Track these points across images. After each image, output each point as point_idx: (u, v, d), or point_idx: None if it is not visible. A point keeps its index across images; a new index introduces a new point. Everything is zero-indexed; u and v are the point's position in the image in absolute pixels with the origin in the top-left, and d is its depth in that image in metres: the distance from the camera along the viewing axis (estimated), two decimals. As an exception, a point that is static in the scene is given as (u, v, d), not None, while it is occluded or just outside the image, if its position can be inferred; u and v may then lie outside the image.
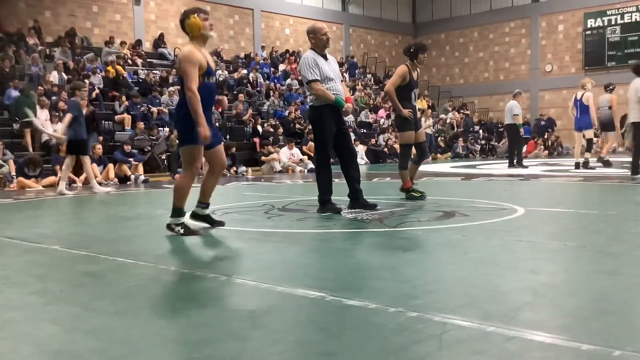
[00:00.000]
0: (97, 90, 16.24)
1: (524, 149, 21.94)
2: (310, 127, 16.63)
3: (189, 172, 4.76)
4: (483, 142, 23.83)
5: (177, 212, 4.76)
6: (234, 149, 14.44)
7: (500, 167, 14.97)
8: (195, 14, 4.70)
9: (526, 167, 13.61)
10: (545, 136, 24.30)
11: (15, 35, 17.70)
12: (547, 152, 23.07)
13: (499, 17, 29.44)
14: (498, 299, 2.67)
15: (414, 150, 7.26)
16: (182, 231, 4.70)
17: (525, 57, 29.00)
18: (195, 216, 5.01)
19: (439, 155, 22.06)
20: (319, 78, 5.78)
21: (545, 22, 28.34)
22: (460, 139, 22.92)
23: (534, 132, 24.13)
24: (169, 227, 4.77)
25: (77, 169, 11.70)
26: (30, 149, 13.16)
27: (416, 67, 7.05)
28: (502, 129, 25.83)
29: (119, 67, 17.73)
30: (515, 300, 2.64)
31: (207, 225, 4.99)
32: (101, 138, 13.38)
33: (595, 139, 14.24)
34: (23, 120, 13.39)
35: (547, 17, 28.22)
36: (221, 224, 5.05)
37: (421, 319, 2.36)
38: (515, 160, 13.76)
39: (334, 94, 5.80)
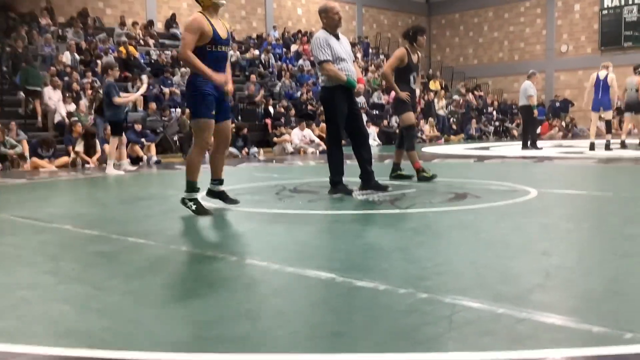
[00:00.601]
0: (109, 71, 16.23)
1: (539, 130, 21.84)
2: (322, 108, 16.59)
3: (198, 146, 4.75)
4: (497, 123, 23.63)
5: (190, 186, 4.78)
6: (245, 130, 14.44)
7: (513, 148, 14.86)
8: None
9: (540, 148, 13.51)
10: (560, 117, 24.06)
11: (27, 16, 17.70)
12: (561, 133, 22.85)
13: (514, -4, 29.02)
14: (509, 281, 2.65)
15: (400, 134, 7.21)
16: (193, 207, 4.72)
17: (540, 37, 28.63)
18: (210, 193, 5.07)
19: (452, 136, 21.92)
20: (330, 58, 5.73)
21: (561, 1, 27.89)
22: (473, 120, 22.74)
23: (548, 114, 23.90)
24: (183, 201, 4.80)
25: (89, 150, 11.79)
26: (41, 124, 13.24)
27: (416, 50, 6.98)
28: (516, 111, 25.66)
29: (131, 48, 17.71)
30: (526, 282, 2.62)
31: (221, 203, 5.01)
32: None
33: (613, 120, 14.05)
34: (29, 88, 13.65)
35: (564, -4, 27.79)
36: (235, 202, 5.05)
37: (431, 301, 2.36)
38: (529, 142, 13.65)
39: (345, 74, 5.76)
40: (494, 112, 25.09)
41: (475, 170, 8.89)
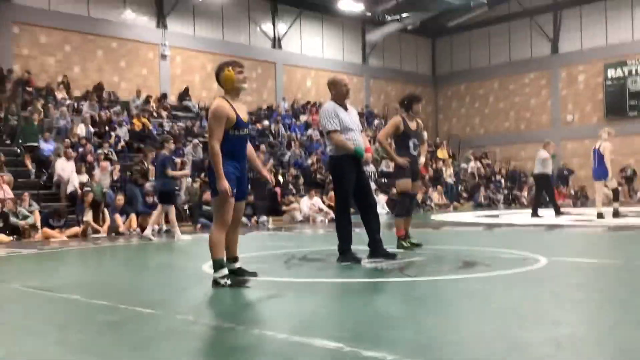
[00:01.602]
0: (122, 143, 16.57)
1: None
2: (331, 177, 16.73)
3: (219, 223, 4.68)
4: (505, 191, 23.69)
5: (218, 264, 4.64)
6: (251, 198, 14.53)
7: (523, 216, 14.81)
8: (230, 67, 4.74)
9: (562, 213, 13.43)
10: (569, 186, 24.09)
11: (44, 90, 18.26)
12: (570, 201, 22.82)
13: (519, 68, 29.67)
14: (519, 351, 2.62)
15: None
16: (228, 282, 4.58)
17: (545, 107, 29.06)
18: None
19: (460, 203, 21.93)
20: (338, 128, 5.85)
21: (565, 72, 28.48)
22: (482, 187, 22.81)
23: (557, 182, 23.94)
24: (214, 282, 4.62)
25: (98, 220, 11.89)
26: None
27: (413, 117, 7.09)
28: (524, 179, 25.75)
29: (145, 120, 18.13)
30: (536, 353, 2.59)
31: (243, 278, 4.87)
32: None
33: (620, 188, 13.99)
34: (25, 145, 14.65)
35: (567, 68, 28.38)
36: (254, 274, 4.95)
37: (440, 371, 2.33)
38: (554, 209, 13.56)
39: (353, 144, 5.86)
40: (502, 180, 25.18)
41: (484, 238, 8.85)
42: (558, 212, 13.45)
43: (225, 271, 4.63)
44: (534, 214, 13.53)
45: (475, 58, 31.31)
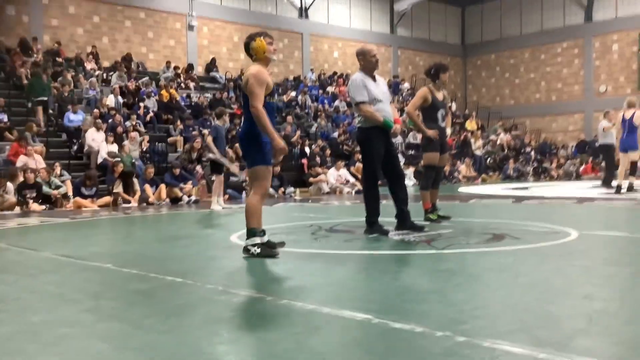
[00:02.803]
0: (151, 114, 16.70)
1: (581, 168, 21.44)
2: (358, 148, 16.65)
3: (259, 193, 4.72)
4: (535, 163, 23.34)
5: (251, 232, 4.70)
6: (278, 169, 14.57)
7: (552, 189, 14.62)
8: (262, 37, 4.79)
9: (613, 187, 12.88)
10: (600, 158, 23.57)
11: (74, 60, 18.43)
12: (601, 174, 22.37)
13: (551, 37, 28.98)
14: (550, 325, 2.59)
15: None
16: (258, 250, 4.63)
17: (578, 78, 28.42)
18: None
19: (489, 175, 21.70)
20: (367, 99, 5.79)
21: (598, 42, 27.74)
22: (511, 160, 22.50)
23: (589, 154, 23.45)
24: (245, 249, 4.70)
25: (127, 190, 12.06)
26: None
27: (440, 87, 6.98)
28: (555, 150, 25.31)
29: (173, 91, 18.21)
30: (568, 327, 2.56)
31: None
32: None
33: None
34: (36, 100, 15.01)
35: (601, 37, 27.62)
36: (282, 244, 4.98)
37: (469, 344, 2.32)
38: (607, 180, 13.21)
39: (382, 115, 5.80)
40: (532, 152, 24.80)
41: (513, 211, 8.76)
42: (606, 184, 13.10)
43: (257, 240, 4.68)
44: (606, 184, 13.15)
45: (506, 27, 30.65)
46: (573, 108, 28.25)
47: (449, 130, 7.22)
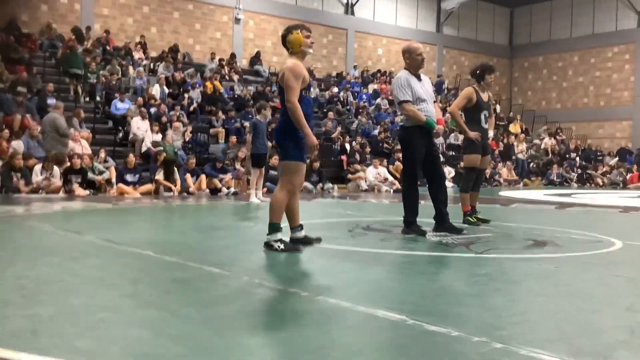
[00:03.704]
0: (195, 105, 16.92)
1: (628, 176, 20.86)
2: (398, 147, 16.54)
3: (287, 188, 4.72)
4: (579, 170, 22.81)
5: (274, 228, 4.71)
6: (318, 164, 14.59)
7: (597, 196, 14.27)
8: (299, 30, 4.76)
9: None
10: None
11: (122, 50, 18.80)
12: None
13: (602, 41, 28.25)
14: (591, 336, 2.53)
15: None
16: (281, 246, 4.66)
17: (628, 84, 27.63)
18: (294, 242, 4.91)
19: (531, 180, 21.31)
20: (410, 99, 5.74)
21: (652, 47, 26.93)
22: (555, 165, 22.04)
23: (636, 163, 22.84)
24: (267, 245, 4.72)
25: (169, 178, 12.26)
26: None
27: (485, 88, 6.86)
28: (601, 157, 24.68)
29: (217, 83, 18.41)
30: (609, 338, 2.49)
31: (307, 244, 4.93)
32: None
33: None
34: (71, 72, 15.95)
35: (655, 41, 26.81)
36: (319, 240, 5.02)
37: (506, 351, 2.28)
38: None
39: (425, 115, 5.75)
40: (577, 158, 24.25)
41: (556, 218, 8.58)
42: None
43: (279, 235, 4.70)
44: None
45: (556, 29, 30.00)
46: (621, 114, 27.51)
47: (491, 133, 7.11)
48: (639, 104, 27.02)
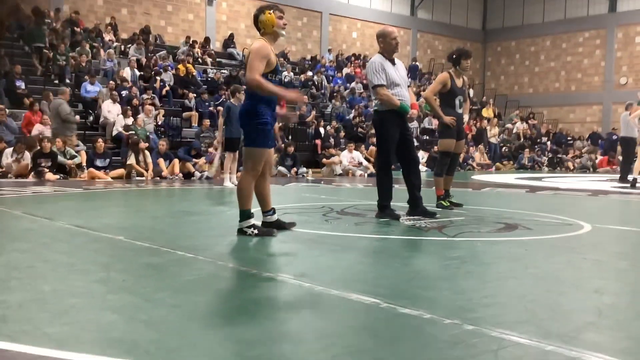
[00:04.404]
0: (167, 87, 16.71)
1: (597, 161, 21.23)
2: (372, 131, 16.57)
3: (250, 174, 4.69)
4: (550, 154, 23.16)
5: (245, 214, 4.70)
6: (292, 148, 14.55)
7: (567, 180, 14.51)
8: (272, 11, 4.69)
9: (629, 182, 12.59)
10: (617, 151, 23.34)
11: (93, 31, 18.43)
12: (617, 167, 22.15)
13: (574, 26, 28.57)
14: (559, 318, 2.58)
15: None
16: (255, 232, 4.66)
17: (599, 69, 28.03)
18: (266, 226, 4.90)
19: (503, 164, 21.57)
20: (384, 83, 5.75)
21: (622, 33, 27.31)
22: (527, 149, 22.33)
23: (607, 147, 23.23)
24: (240, 231, 4.70)
25: (139, 163, 12.14)
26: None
27: (461, 74, 6.89)
28: (571, 141, 25.07)
29: (189, 66, 18.18)
30: (577, 320, 2.55)
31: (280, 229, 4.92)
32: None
33: None
34: (34, 45, 15.99)
35: (624, 28, 27.19)
36: (293, 224, 5.02)
37: (477, 333, 2.31)
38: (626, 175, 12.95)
39: (399, 99, 5.76)
40: (548, 143, 24.60)
41: (526, 201, 8.71)
42: (622, 179, 12.91)
43: (251, 221, 4.69)
44: (622, 179, 12.98)
45: (529, 14, 30.22)
46: (592, 99, 27.93)
47: (466, 117, 7.15)
48: (608, 89, 27.45)
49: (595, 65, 28.15)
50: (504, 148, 23.03)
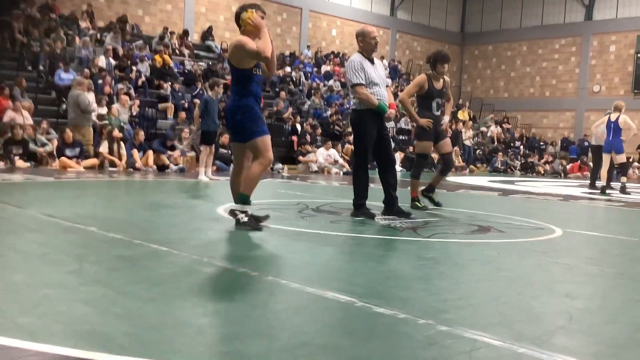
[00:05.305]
0: (143, 78, 16.51)
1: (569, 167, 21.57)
2: (349, 129, 16.61)
3: (263, 162, 4.78)
4: (523, 159, 23.48)
5: (244, 198, 4.78)
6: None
7: (538, 184, 14.72)
8: (254, 10, 4.79)
9: (598, 189, 12.72)
10: (588, 157, 23.76)
11: (69, 18, 18.11)
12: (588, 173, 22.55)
13: (550, 33, 28.98)
14: (531, 321, 2.62)
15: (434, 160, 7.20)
16: (245, 219, 4.71)
17: (573, 75, 28.48)
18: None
19: (476, 166, 21.80)
20: (363, 82, 5.76)
21: (597, 41, 27.78)
22: (500, 153, 22.60)
23: (580, 153, 23.60)
24: (232, 212, 4.79)
25: (112, 153, 12.00)
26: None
27: (439, 76, 6.91)
28: (544, 146, 25.44)
29: (166, 57, 17.99)
30: (548, 323, 2.59)
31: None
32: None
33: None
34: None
35: (600, 36, 27.67)
36: (267, 217, 5.02)
37: (451, 334, 2.34)
38: (592, 184, 13.14)
39: (377, 98, 5.78)
40: (521, 147, 24.93)
41: (499, 205, 8.82)
42: (592, 186, 13.14)
43: (247, 208, 4.77)
44: (592, 185, 13.19)
45: (507, 19, 30.57)
46: (565, 105, 28.38)
47: (446, 119, 7.15)
48: (582, 96, 27.91)
49: (570, 72, 28.59)
50: (478, 151, 23.27)
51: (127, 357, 1.96)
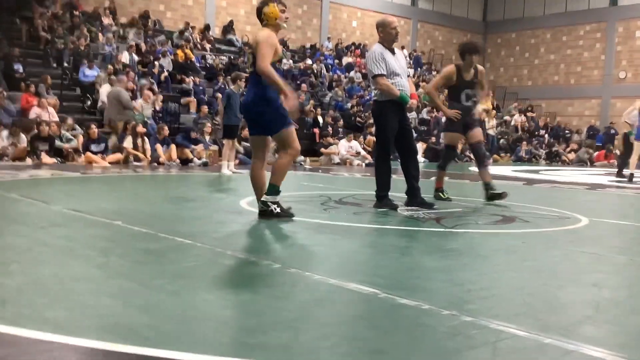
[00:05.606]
0: (165, 73, 16.62)
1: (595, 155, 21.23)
2: (371, 121, 16.55)
3: (291, 155, 4.90)
4: (548, 147, 23.17)
5: (274, 189, 4.85)
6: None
7: (564, 173, 14.52)
8: (275, 3, 4.84)
9: (625, 177, 12.55)
10: (615, 146, 23.37)
11: (91, 15, 18.30)
12: (615, 162, 22.18)
13: (574, 19, 28.49)
14: (557, 311, 2.59)
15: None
16: (277, 209, 4.81)
17: (598, 62, 27.98)
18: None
19: (500, 156, 21.58)
20: (384, 72, 5.73)
21: (622, 27, 27.24)
22: (524, 142, 22.33)
23: (604, 141, 23.23)
24: (264, 203, 4.84)
25: (136, 147, 12.11)
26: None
27: (469, 67, 6.79)
28: (569, 135, 25.09)
29: (188, 51, 18.09)
30: (575, 314, 2.55)
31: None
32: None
33: None
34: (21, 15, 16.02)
35: (625, 22, 27.12)
36: (289, 210, 5.03)
37: (475, 325, 2.32)
38: (623, 171, 12.92)
39: (399, 89, 5.74)
40: (546, 135, 24.60)
41: (524, 194, 8.72)
42: (619, 174, 12.93)
43: (277, 198, 4.86)
44: (619, 173, 12.98)
45: (530, 6, 30.10)
46: (590, 93, 27.91)
47: (479, 108, 7.00)
48: (608, 83, 27.42)
49: (595, 58, 28.10)
50: (502, 140, 23.02)
51: (151, 348, 1.98)
